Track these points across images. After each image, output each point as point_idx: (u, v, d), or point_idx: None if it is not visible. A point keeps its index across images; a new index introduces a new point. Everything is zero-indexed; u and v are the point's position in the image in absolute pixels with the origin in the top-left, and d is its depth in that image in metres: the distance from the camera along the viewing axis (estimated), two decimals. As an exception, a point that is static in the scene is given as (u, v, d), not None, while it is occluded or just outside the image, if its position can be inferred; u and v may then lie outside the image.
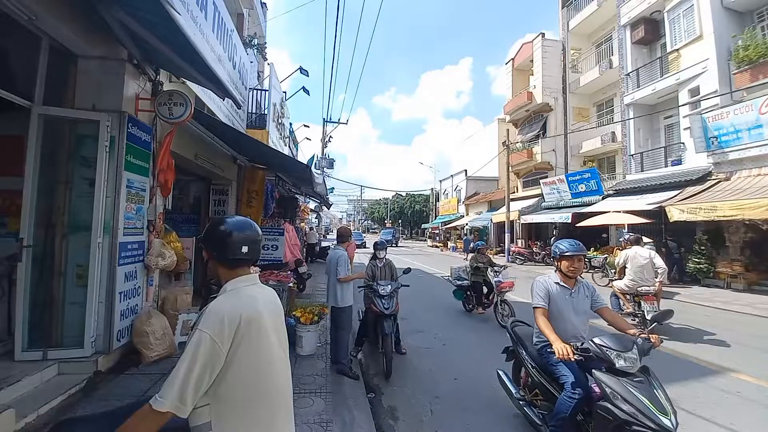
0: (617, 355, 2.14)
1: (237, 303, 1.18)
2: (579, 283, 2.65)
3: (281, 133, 10.63)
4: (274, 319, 1.28)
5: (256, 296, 1.25)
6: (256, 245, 1.30)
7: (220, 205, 6.32)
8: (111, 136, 3.04)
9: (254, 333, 1.17)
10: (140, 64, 3.32)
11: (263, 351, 1.19)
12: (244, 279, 1.27)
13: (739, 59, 9.77)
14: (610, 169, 16.26)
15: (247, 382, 1.14)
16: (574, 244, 2.63)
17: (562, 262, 2.61)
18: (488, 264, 6.91)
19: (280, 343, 1.29)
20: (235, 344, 1.12)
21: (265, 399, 1.18)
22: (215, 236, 1.27)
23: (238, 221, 1.31)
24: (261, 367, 1.18)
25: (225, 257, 1.26)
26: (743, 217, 8.26)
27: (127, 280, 3.11)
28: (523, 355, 2.82)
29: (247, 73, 7.07)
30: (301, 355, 4.32)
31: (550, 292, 2.57)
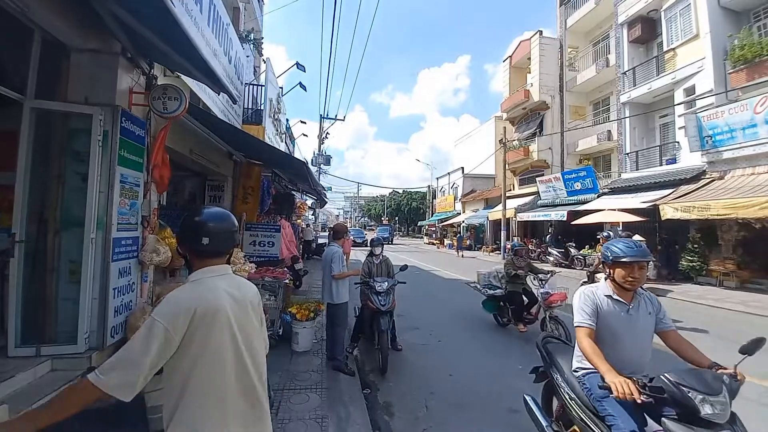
0: (703, 399, 1.57)
1: (195, 294, 1.19)
2: (639, 296, 2.04)
3: (277, 129, 10.56)
4: (241, 313, 1.25)
5: (219, 288, 1.22)
6: (221, 237, 1.28)
7: (215, 201, 6.27)
8: (104, 130, 3.00)
9: (210, 325, 1.15)
10: (134, 58, 3.27)
11: (219, 343, 1.17)
12: (211, 270, 1.26)
13: (734, 59, 9.84)
14: (606, 167, 16.36)
15: (200, 372, 1.13)
16: (634, 246, 1.97)
17: (616, 269, 1.99)
18: (529, 270, 5.67)
19: (248, 336, 1.26)
20: (189, 335, 1.12)
21: (218, 390, 1.16)
22: (183, 227, 1.30)
23: (208, 212, 1.31)
24: (216, 358, 1.16)
25: (190, 248, 1.28)
26: (736, 216, 8.35)
27: (121, 276, 3.09)
28: (558, 380, 2.25)
29: (243, 68, 7.01)
30: (296, 352, 4.33)
31: (600, 308, 1.99)
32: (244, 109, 7.72)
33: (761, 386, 3.76)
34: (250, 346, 1.26)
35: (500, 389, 3.71)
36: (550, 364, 2.39)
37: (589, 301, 2.01)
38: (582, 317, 1.98)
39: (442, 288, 10.14)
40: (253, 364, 1.25)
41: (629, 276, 1.94)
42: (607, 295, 2.03)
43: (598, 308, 1.99)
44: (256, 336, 1.31)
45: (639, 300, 2.03)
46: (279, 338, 4.48)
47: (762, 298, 8.15)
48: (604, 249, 2.08)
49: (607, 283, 2.09)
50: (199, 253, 1.27)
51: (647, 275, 6.56)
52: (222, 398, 1.16)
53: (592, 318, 1.97)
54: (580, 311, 2.01)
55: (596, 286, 2.11)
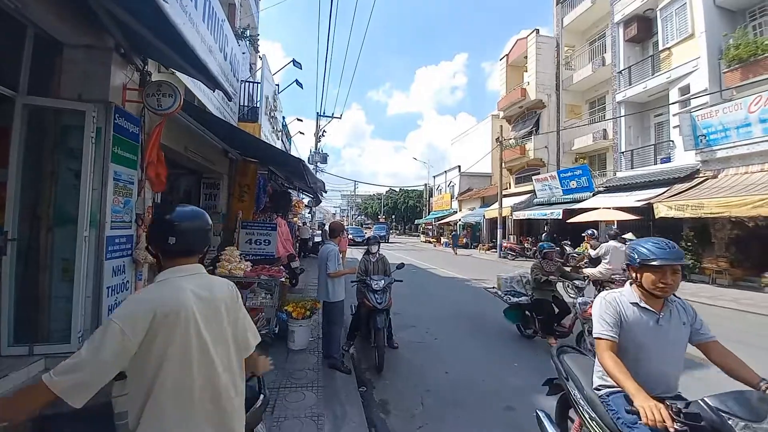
0: (745, 426, 1.34)
1: (158, 295, 1.16)
2: (670, 303, 1.77)
3: (274, 126, 10.51)
4: (210, 313, 1.21)
5: (185, 288, 1.18)
6: (191, 236, 1.26)
7: (211, 199, 6.24)
8: (97, 127, 2.97)
9: (173, 326, 1.12)
10: (128, 54, 3.24)
11: (185, 345, 1.13)
12: (179, 270, 1.23)
13: (729, 58, 9.91)
14: (601, 166, 16.46)
15: (165, 375, 1.10)
16: (666, 246, 1.70)
17: (643, 273, 1.72)
18: (561, 275, 5.10)
19: (218, 336, 1.22)
20: (150, 337, 1.08)
21: (185, 393, 1.13)
22: (151, 225, 1.29)
23: (177, 211, 1.27)
24: (181, 361, 1.12)
25: (158, 247, 1.26)
26: (730, 214, 8.44)
27: (115, 274, 3.06)
28: (576, 396, 2.01)
29: (239, 64, 6.96)
30: (292, 350, 4.32)
31: (624, 318, 1.74)
32: (240, 106, 7.68)
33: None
34: (221, 346, 1.22)
35: (497, 387, 3.73)
36: (566, 377, 2.15)
37: (611, 309, 1.76)
38: (603, 328, 1.73)
39: (438, 286, 10.17)
40: (223, 365, 1.22)
41: (660, 281, 1.66)
42: (632, 303, 1.76)
43: (621, 318, 1.74)
44: (229, 335, 1.27)
45: (670, 308, 1.76)
46: (275, 336, 4.48)
47: (754, 295, 8.25)
48: (630, 250, 1.80)
49: (633, 288, 1.80)
50: (166, 252, 1.25)
51: None
52: (190, 401, 1.13)
53: (615, 329, 1.72)
54: (601, 321, 1.75)
55: (620, 292, 1.83)
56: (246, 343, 1.36)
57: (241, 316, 1.36)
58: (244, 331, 1.35)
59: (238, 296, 1.36)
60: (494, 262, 16.27)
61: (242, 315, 1.37)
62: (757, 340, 5.36)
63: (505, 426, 3.04)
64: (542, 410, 2.34)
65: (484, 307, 7.46)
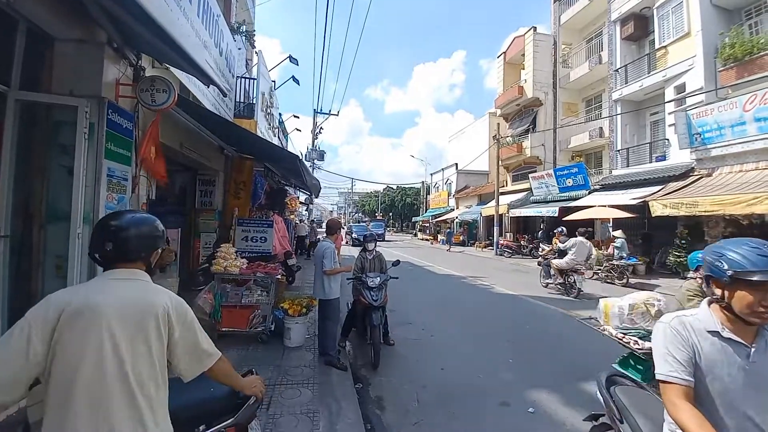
0: None
1: (74, 294, 1.16)
2: (765, 331, 1.29)
3: (270, 123, 10.45)
4: (131, 320, 1.15)
5: (108, 292, 1.17)
6: (129, 243, 1.24)
7: (206, 195, 6.20)
8: (90, 122, 2.94)
9: (80, 326, 1.08)
10: (120, 49, 3.20)
11: (86, 346, 1.08)
12: (112, 273, 1.23)
13: (725, 57, 9.95)
14: (597, 164, 16.52)
15: (63, 378, 1.06)
16: None
17: (737, 291, 1.22)
18: None
19: (135, 348, 1.14)
20: (57, 336, 1.06)
21: (94, 397, 1.07)
22: (93, 230, 1.31)
23: (119, 218, 1.28)
24: (81, 363, 1.07)
25: (96, 252, 1.26)
26: (724, 212, 8.51)
27: (109, 272, 3.05)
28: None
29: (235, 60, 6.90)
30: (288, 347, 4.32)
31: (699, 353, 1.27)
32: (236, 102, 7.61)
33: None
34: (141, 357, 1.16)
35: (491, 383, 3.76)
36: (619, 417, 1.68)
37: (681, 340, 1.28)
38: (671, 367, 1.25)
39: (435, 284, 10.20)
40: (135, 378, 1.13)
41: (762, 304, 1.17)
42: (711, 332, 1.28)
43: (696, 352, 1.26)
44: (152, 346, 1.18)
45: (766, 338, 1.27)
46: (271, 334, 4.48)
47: (746, 292, 8.33)
48: (713, 256, 1.29)
49: (712, 311, 1.32)
50: (104, 257, 1.25)
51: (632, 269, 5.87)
52: (96, 406, 1.07)
53: (688, 368, 1.24)
54: (667, 357, 1.28)
55: (692, 313, 1.35)
56: (193, 358, 1.29)
57: (184, 329, 1.26)
58: (185, 346, 1.26)
59: (178, 309, 1.26)
60: (491, 260, 16.34)
61: (187, 329, 1.27)
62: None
63: (499, 421, 3.06)
64: None
65: (481, 304, 7.50)
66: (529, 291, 8.65)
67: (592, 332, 5.66)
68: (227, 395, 1.60)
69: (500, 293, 8.58)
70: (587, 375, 3.89)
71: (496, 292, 8.67)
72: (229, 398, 1.60)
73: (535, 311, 6.94)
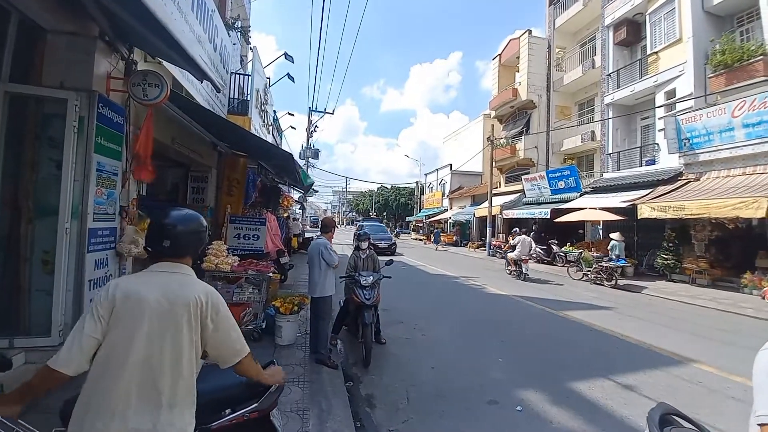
0: None
1: (129, 281, 1.33)
2: None
3: (264, 120, 10.38)
4: (168, 310, 1.27)
5: (155, 283, 1.31)
6: (182, 240, 1.38)
7: (198, 192, 6.14)
8: (80, 116, 2.90)
9: (128, 312, 1.24)
10: (112, 42, 3.17)
11: (127, 331, 1.23)
12: (160, 266, 1.37)
13: (715, 63, 10.13)
14: (589, 167, 16.73)
15: (105, 354, 1.21)
16: None
17: None
18: None
19: (165, 334, 1.26)
20: (113, 317, 1.23)
21: (119, 373, 1.19)
22: (150, 227, 1.45)
23: (172, 216, 1.41)
24: (120, 345, 1.22)
25: (152, 247, 1.40)
26: (710, 216, 8.69)
27: (98, 267, 3.01)
28: None
29: (229, 56, 6.84)
30: (280, 345, 4.31)
31: None
32: (230, 99, 7.56)
33: (726, 379, 3.95)
34: (169, 344, 1.26)
35: (481, 381, 3.79)
36: None
37: None
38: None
39: (427, 283, 10.24)
40: (162, 364, 1.24)
41: None
42: None
43: None
44: (184, 337, 1.28)
45: None
46: (262, 332, 4.46)
47: (733, 295, 8.52)
48: None
49: None
50: (159, 252, 1.38)
51: (621, 271, 6.34)
52: (120, 384, 1.19)
53: None
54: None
55: None
56: (225, 352, 1.39)
57: (214, 325, 1.34)
58: (215, 341, 1.36)
59: (212, 303, 1.35)
60: (482, 260, 16.45)
61: (217, 326, 1.35)
62: (741, 339, 5.55)
63: (488, 419, 3.10)
64: None
65: (472, 304, 7.55)
66: (519, 291, 8.74)
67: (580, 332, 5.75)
68: (251, 382, 1.68)
69: (491, 293, 8.65)
70: (575, 375, 3.96)
71: (487, 292, 8.74)
72: (253, 385, 1.68)
73: (525, 311, 7.01)
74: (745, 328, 6.08)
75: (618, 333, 5.52)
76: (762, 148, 8.78)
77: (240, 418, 1.62)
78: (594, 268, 10.20)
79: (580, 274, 10.78)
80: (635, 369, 4.14)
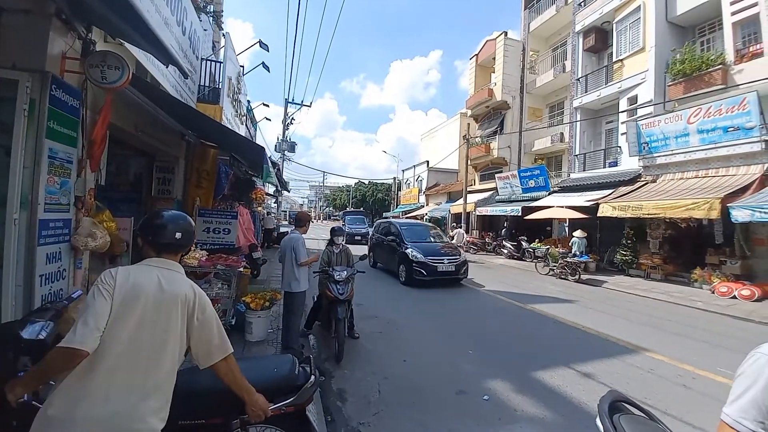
0: None
1: (130, 271, 1.38)
2: None
3: (238, 110, 10.03)
4: (163, 303, 1.36)
5: (148, 274, 1.39)
6: (186, 236, 1.53)
7: (164, 183, 5.84)
8: (31, 98, 2.68)
9: (127, 301, 1.30)
10: (69, 20, 2.94)
11: (124, 319, 1.29)
12: (156, 261, 1.46)
13: (674, 72, 10.77)
14: (557, 167, 17.42)
15: (106, 339, 1.26)
16: None
17: None
18: None
19: (156, 326, 1.34)
20: (115, 300, 1.29)
21: (98, 358, 1.24)
22: (153, 222, 1.51)
23: (173, 214, 1.55)
24: (113, 328, 1.27)
25: (154, 241, 1.48)
26: (664, 215, 9.32)
27: (50, 261, 2.80)
28: None
29: (199, 41, 6.55)
30: (250, 342, 4.23)
31: None
32: (200, 86, 7.24)
33: (676, 367, 4.28)
34: (158, 334, 1.34)
35: (450, 372, 3.90)
36: None
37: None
38: (752, 414, 0.94)
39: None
40: (148, 352, 1.31)
41: None
42: None
43: None
44: (171, 330, 1.37)
45: None
46: (232, 328, 4.35)
47: (684, 289, 9.20)
48: None
49: None
50: (165, 246, 1.48)
51: (584, 266, 6.85)
52: (105, 363, 1.25)
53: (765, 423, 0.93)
54: (754, 401, 0.94)
55: None
56: (203, 350, 1.44)
57: (200, 323, 1.42)
58: (199, 337, 1.43)
59: (199, 301, 1.44)
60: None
61: (203, 323, 1.43)
62: (691, 330, 6.00)
63: (456, 408, 3.20)
64: None
65: (445, 299, 7.71)
66: (491, 286, 9.02)
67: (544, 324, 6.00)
68: (287, 377, 1.80)
69: (463, 288, 8.86)
70: (538, 364, 4.15)
71: (460, 287, 8.95)
72: (289, 380, 1.79)
73: (495, 305, 7.25)
74: (694, 320, 6.58)
75: (579, 324, 5.83)
76: (714, 153, 9.48)
77: (277, 411, 1.67)
78: (560, 264, 10.68)
79: (547, 269, 11.26)
80: (593, 358, 4.40)
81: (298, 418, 1.82)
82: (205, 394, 1.64)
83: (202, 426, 1.64)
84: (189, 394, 1.58)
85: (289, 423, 1.80)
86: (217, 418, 1.65)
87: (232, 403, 1.53)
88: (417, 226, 11.09)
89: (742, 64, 9.44)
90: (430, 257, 8.59)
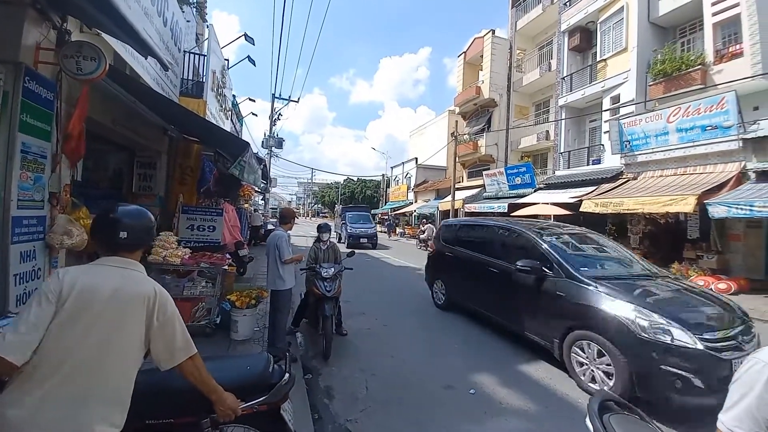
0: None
1: (81, 272, 1.30)
2: None
3: (222, 105, 9.82)
4: (115, 302, 1.28)
5: (104, 274, 1.32)
6: (138, 233, 1.44)
7: (146, 179, 5.67)
8: (4, 90, 2.56)
9: (78, 304, 1.23)
10: (44, 10, 2.82)
11: (75, 323, 1.22)
12: (109, 259, 1.38)
13: (655, 72, 11.05)
14: (543, 164, 17.71)
15: (47, 345, 1.19)
16: None
17: None
18: None
19: (110, 328, 1.26)
20: (60, 305, 1.21)
21: (42, 365, 1.17)
22: (101, 219, 1.44)
23: (123, 210, 1.44)
24: (60, 334, 1.20)
25: (104, 240, 1.42)
26: (644, 211, 9.60)
27: (23, 260, 2.69)
28: None
29: (182, 33, 6.39)
30: (236, 340, 4.17)
31: None
32: (183, 79, 7.07)
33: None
34: (112, 338, 1.27)
35: (437, 367, 3.94)
36: None
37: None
38: (739, 425, 0.95)
39: (390, 275, 10.36)
40: (98, 358, 1.23)
41: None
42: None
43: None
44: (126, 333, 1.30)
45: None
46: (216, 327, 4.28)
47: (660, 283, 9.50)
48: None
49: None
50: (115, 245, 1.39)
51: None
52: (49, 369, 1.18)
53: None
54: (748, 411, 0.94)
55: None
56: (164, 352, 1.37)
57: (160, 324, 1.35)
58: (160, 340, 1.36)
59: (160, 301, 1.36)
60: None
61: (163, 325, 1.35)
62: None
63: (443, 402, 3.23)
64: None
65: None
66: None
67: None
68: (260, 375, 1.76)
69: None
70: (524, 358, 4.23)
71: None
72: (263, 378, 1.75)
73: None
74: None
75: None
76: (692, 151, 9.79)
77: (249, 409, 1.62)
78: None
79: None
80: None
81: (272, 417, 1.77)
82: (172, 393, 1.58)
83: (171, 425, 1.59)
84: (156, 392, 1.54)
85: (263, 422, 1.75)
86: (188, 417, 1.60)
87: (202, 401, 1.47)
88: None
89: (722, 65, 9.73)
90: None
